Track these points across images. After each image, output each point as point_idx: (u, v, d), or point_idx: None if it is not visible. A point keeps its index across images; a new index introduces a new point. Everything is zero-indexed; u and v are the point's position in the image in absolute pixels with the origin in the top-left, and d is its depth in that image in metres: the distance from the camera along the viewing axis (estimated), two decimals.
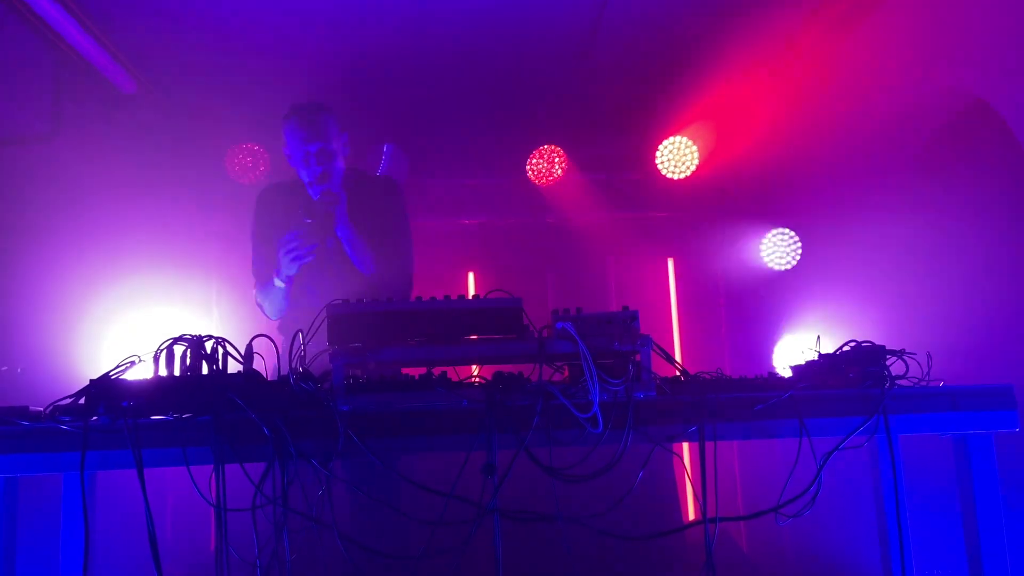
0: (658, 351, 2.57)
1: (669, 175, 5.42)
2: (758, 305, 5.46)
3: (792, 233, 5.31)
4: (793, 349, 4.97)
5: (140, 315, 4.72)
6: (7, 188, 4.45)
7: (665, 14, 4.51)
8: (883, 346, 2.15)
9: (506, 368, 2.08)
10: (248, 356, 1.98)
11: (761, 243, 5.35)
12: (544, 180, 5.42)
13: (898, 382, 2.12)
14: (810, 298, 5.02)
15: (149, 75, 4.86)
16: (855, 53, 4.74)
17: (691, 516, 4.87)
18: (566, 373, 2.18)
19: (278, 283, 3.17)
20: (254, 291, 3.39)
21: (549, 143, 5.39)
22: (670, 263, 5.63)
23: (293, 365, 1.99)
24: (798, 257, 5.29)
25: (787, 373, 2.34)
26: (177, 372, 1.96)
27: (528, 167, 5.41)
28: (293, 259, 3.05)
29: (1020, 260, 3.80)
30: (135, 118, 4.93)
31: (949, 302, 3.98)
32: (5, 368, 4.05)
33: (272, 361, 2.09)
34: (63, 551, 2.10)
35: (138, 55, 4.67)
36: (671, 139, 5.41)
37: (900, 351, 2.15)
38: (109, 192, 4.72)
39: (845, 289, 4.68)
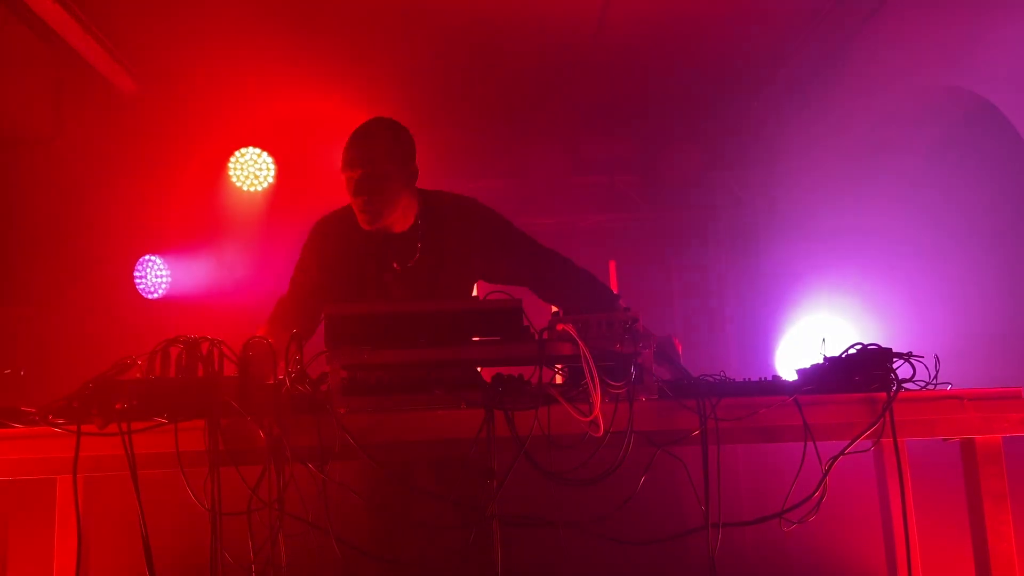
0: (660, 353, 2.55)
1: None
2: (762, 307, 5.43)
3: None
4: (798, 352, 4.93)
5: (143, 316, 4.71)
6: (8, 189, 4.44)
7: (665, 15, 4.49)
8: (889, 348, 2.12)
9: (506, 370, 2.05)
10: (243, 358, 1.95)
11: (761, 244, 5.27)
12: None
13: (904, 385, 2.08)
14: (816, 300, 4.98)
15: (149, 75, 4.84)
16: (861, 54, 4.71)
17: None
18: (566, 376, 2.15)
19: None
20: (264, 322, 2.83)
21: (550, 143, 5.38)
22: (672, 265, 5.60)
23: (289, 367, 1.96)
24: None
25: (792, 376, 2.31)
26: (173, 374, 1.93)
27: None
28: None
29: None
30: (135, 119, 4.92)
31: (957, 304, 3.95)
32: (8, 371, 4.04)
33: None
34: (57, 554, 2.07)
35: (138, 56, 4.66)
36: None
37: (907, 353, 2.12)
38: (109, 193, 4.71)
39: (851, 291, 4.65)
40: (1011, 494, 2.08)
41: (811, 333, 4.89)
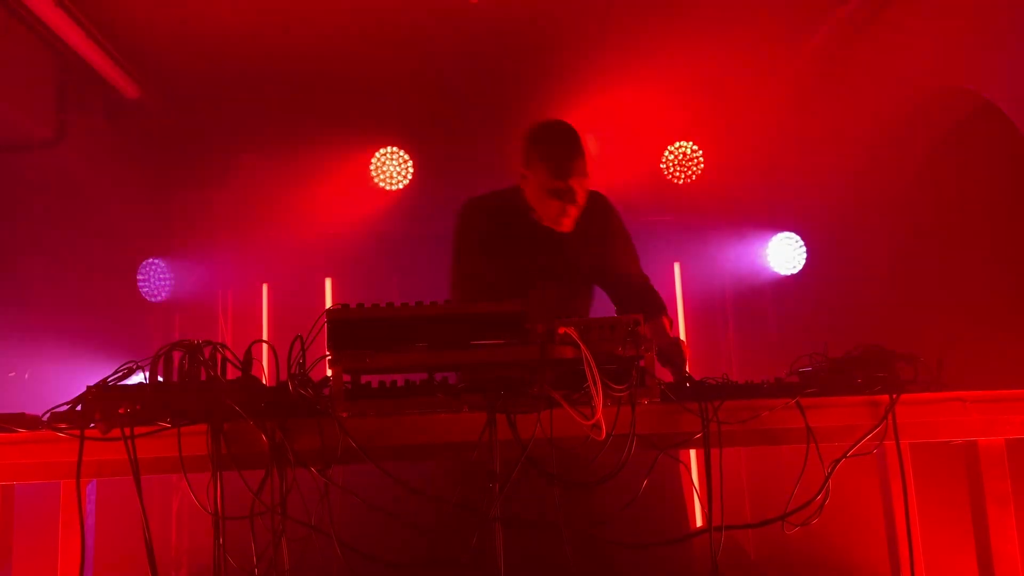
0: (664, 358, 2.55)
1: (675, 180, 5.42)
2: (765, 310, 5.43)
3: (797, 237, 5.30)
4: (800, 354, 4.93)
5: (146, 319, 4.72)
6: (11, 194, 4.46)
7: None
8: (892, 350, 2.12)
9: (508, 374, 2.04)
10: (246, 362, 1.96)
11: (767, 247, 5.34)
12: None
13: (907, 387, 2.08)
14: (818, 302, 4.98)
15: (152, 80, 4.85)
16: (862, 55, 4.71)
17: (698, 524, 4.83)
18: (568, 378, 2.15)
19: None
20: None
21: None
22: (676, 267, 5.59)
23: (292, 371, 1.96)
24: (803, 261, 5.27)
25: (794, 378, 2.31)
26: (175, 378, 1.93)
27: None
28: None
29: None
30: (138, 123, 4.93)
31: (959, 304, 3.94)
32: (12, 374, 4.05)
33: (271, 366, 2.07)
34: (61, 559, 2.07)
35: (141, 60, 4.67)
36: (678, 144, 5.41)
37: (909, 355, 2.12)
38: (113, 197, 4.72)
39: (853, 293, 4.64)
40: (1015, 496, 2.08)
41: (813, 333, 4.89)
